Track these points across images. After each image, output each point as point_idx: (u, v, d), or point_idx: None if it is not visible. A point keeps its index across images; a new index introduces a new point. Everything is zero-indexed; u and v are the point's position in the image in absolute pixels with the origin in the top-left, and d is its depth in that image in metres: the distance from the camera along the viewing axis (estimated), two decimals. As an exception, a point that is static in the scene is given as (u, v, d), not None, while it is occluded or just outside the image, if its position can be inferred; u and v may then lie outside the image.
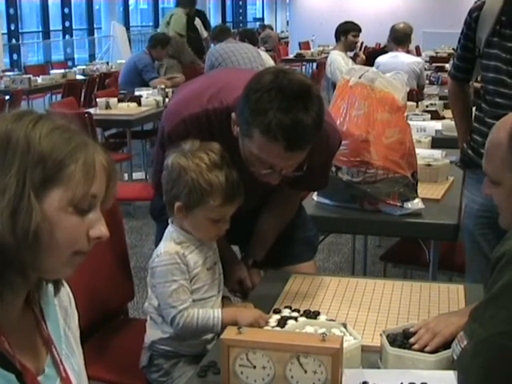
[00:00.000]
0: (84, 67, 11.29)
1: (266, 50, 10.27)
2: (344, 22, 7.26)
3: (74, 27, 17.50)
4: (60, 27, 17.02)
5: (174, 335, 1.89)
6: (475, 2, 2.54)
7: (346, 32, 7.08)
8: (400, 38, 6.72)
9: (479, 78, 2.69)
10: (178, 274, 1.82)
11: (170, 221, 1.92)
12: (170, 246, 1.85)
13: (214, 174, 1.80)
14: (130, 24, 18.83)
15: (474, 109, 2.70)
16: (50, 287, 1.24)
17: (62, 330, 1.26)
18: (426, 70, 7.43)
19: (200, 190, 1.79)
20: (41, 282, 1.20)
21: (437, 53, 11.53)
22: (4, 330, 1.11)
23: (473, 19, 2.51)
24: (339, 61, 6.87)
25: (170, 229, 1.91)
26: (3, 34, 14.09)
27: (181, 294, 1.82)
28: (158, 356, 1.93)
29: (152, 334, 1.92)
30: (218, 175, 1.80)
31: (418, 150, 2.80)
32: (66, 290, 1.31)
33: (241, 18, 24.95)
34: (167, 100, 6.27)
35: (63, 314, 1.28)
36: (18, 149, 1.06)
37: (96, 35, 18.38)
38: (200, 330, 1.84)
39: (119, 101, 6.37)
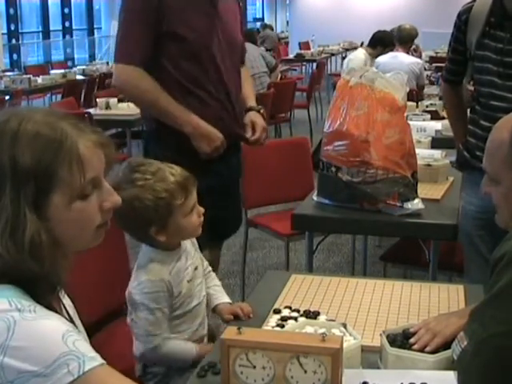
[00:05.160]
0: (84, 67, 11.30)
1: (266, 50, 10.31)
2: (385, 32, 7.45)
3: (73, 27, 17.51)
4: (60, 27, 17.03)
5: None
6: (464, 5, 2.55)
7: (387, 45, 7.17)
8: (403, 39, 6.76)
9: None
10: (161, 302, 1.82)
11: (143, 246, 1.91)
12: (151, 273, 1.83)
13: (161, 180, 1.79)
14: (130, 24, 18.77)
15: (468, 111, 2.71)
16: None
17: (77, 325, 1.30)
18: (425, 70, 7.44)
19: (162, 201, 1.78)
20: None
21: (437, 53, 11.54)
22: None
23: (462, 22, 2.52)
24: (360, 61, 6.96)
25: (144, 249, 1.90)
26: (3, 34, 14.10)
27: (162, 322, 1.83)
28: (151, 365, 1.93)
29: (139, 346, 1.88)
30: (164, 179, 1.79)
31: (417, 150, 2.80)
32: (68, 301, 1.35)
33: (241, 18, 24.91)
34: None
35: (72, 312, 1.33)
36: (6, 171, 1.10)
37: (96, 35, 18.38)
38: (176, 360, 1.88)
39: (119, 101, 6.36)
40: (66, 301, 1.33)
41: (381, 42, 7.30)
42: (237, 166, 2.95)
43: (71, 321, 1.26)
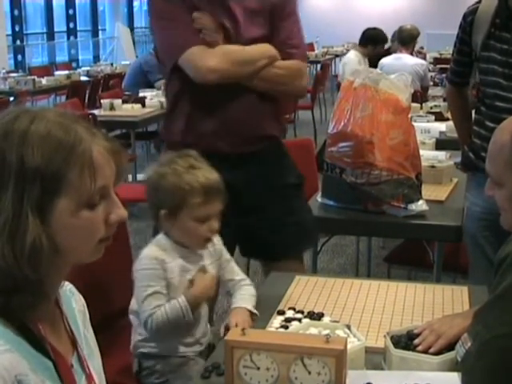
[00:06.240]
0: (88, 68, 11.31)
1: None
2: (375, 29, 7.28)
3: (78, 28, 17.52)
4: (64, 28, 17.05)
5: (149, 337, 1.91)
6: (469, 7, 2.55)
7: (377, 42, 7.08)
8: (405, 39, 6.73)
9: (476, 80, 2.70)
10: (154, 280, 1.85)
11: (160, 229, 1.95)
12: (152, 251, 1.90)
13: (192, 174, 1.85)
14: (135, 25, 18.85)
15: (473, 112, 2.71)
16: (68, 289, 1.28)
17: (82, 332, 1.28)
18: (430, 71, 7.43)
19: (181, 190, 1.83)
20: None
21: (441, 54, 11.53)
22: (42, 320, 1.13)
23: (468, 23, 2.53)
24: (355, 63, 6.93)
25: (159, 235, 1.95)
26: (8, 35, 14.12)
27: (154, 299, 1.84)
28: (145, 358, 1.94)
29: (133, 337, 1.95)
30: (195, 174, 1.85)
31: (422, 152, 2.80)
32: (79, 295, 1.33)
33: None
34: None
35: (82, 316, 1.30)
36: (11, 170, 1.05)
37: (100, 36, 18.41)
38: (173, 323, 1.84)
39: (123, 102, 6.37)
40: (78, 306, 1.30)
41: (371, 40, 7.22)
42: (263, 177, 2.47)
43: (71, 332, 1.23)
